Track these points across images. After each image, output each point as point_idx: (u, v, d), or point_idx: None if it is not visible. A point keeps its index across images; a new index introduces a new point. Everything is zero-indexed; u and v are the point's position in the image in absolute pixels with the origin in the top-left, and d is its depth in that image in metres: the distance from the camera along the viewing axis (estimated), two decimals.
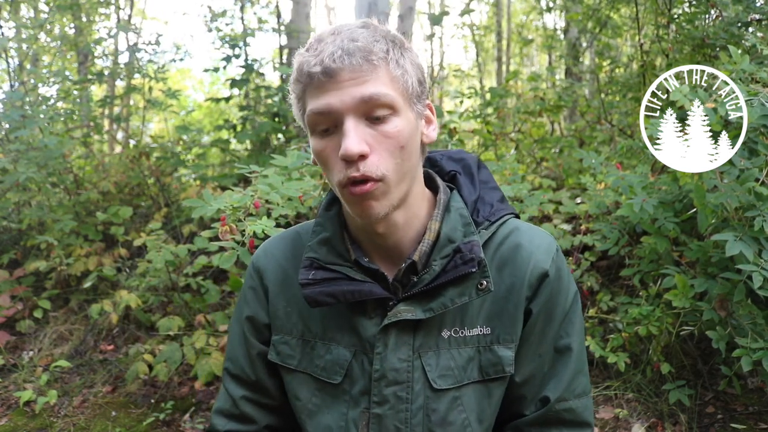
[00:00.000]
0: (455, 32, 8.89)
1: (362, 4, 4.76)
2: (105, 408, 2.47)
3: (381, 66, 0.80)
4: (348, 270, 0.89)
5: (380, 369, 0.89)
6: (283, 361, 0.96)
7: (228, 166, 4.38)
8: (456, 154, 1.05)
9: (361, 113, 0.80)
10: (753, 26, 2.43)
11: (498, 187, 1.01)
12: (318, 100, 0.80)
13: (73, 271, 3.11)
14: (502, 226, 0.94)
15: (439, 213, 0.92)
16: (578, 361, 0.94)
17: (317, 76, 0.79)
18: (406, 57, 0.84)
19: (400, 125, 0.82)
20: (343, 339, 0.92)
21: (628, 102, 3.82)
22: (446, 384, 0.89)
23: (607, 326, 2.36)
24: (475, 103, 4.46)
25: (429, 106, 0.91)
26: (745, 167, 1.65)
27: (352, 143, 0.78)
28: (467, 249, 0.87)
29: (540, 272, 0.90)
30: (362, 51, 0.79)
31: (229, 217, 1.63)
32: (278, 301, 0.98)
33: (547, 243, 0.93)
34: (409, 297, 0.88)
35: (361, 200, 0.81)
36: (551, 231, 2.55)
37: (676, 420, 2.01)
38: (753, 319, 1.74)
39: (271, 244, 1.04)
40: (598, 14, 4.41)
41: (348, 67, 0.78)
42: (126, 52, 4.68)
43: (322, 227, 0.94)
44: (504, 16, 8.30)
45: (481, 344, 0.90)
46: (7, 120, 3.38)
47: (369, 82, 0.79)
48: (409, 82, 0.84)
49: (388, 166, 0.81)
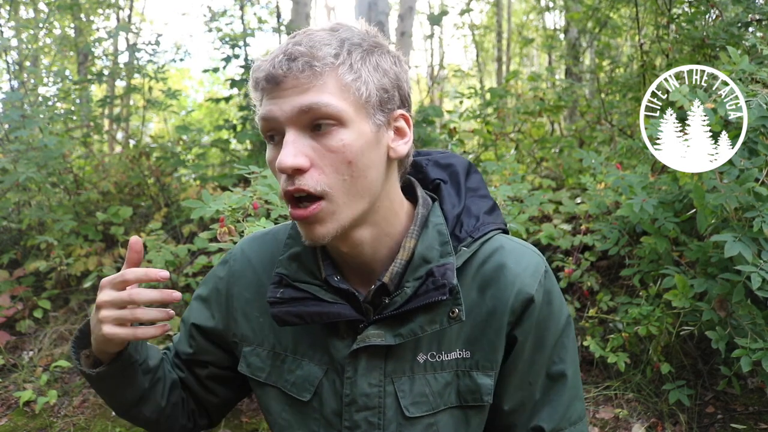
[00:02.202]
0: (455, 32, 8.89)
1: (362, 4, 4.76)
2: (105, 408, 2.47)
3: (326, 73, 0.73)
4: (317, 290, 0.84)
5: (350, 393, 0.85)
6: (253, 374, 0.93)
7: (228, 166, 4.38)
8: (444, 158, 0.97)
9: (303, 124, 0.74)
10: (753, 26, 2.43)
11: (489, 195, 0.94)
12: (263, 106, 0.76)
13: (73, 271, 3.11)
14: (487, 243, 0.86)
15: (415, 229, 0.85)
16: (573, 388, 0.89)
17: (261, 83, 0.75)
18: (368, 60, 0.77)
19: (348, 138, 0.74)
20: (315, 356, 0.88)
21: (628, 102, 3.82)
22: (419, 411, 0.84)
23: (607, 326, 2.36)
24: (475, 103, 4.46)
25: (404, 117, 0.82)
26: (744, 167, 1.64)
27: (286, 156, 0.73)
28: (440, 273, 0.80)
29: (525, 297, 0.83)
30: (305, 56, 0.72)
31: (228, 218, 1.63)
32: (251, 310, 0.94)
33: (534, 264, 0.86)
34: (380, 320, 0.83)
35: (304, 224, 0.77)
36: (551, 231, 2.55)
37: (676, 420, 2.01)
38: (753, 319, 1.74)
39: (250, 248, 0.99)
40: (598, 14, 4.40)
41: (289, 74, 0.73)
42: (126, 52, 4.68)
43: (294, 240, 0.88)
44: (504, 16, 8.30)
45: (460, 368, 0.85)
46: (7, 120, 3.38)
47: (310, 91, 0.73)
48: (363, 90, 0.75)
49: (331, 183, 0.75)
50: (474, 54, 8.52)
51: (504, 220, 0.93)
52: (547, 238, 2.52)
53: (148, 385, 0.95)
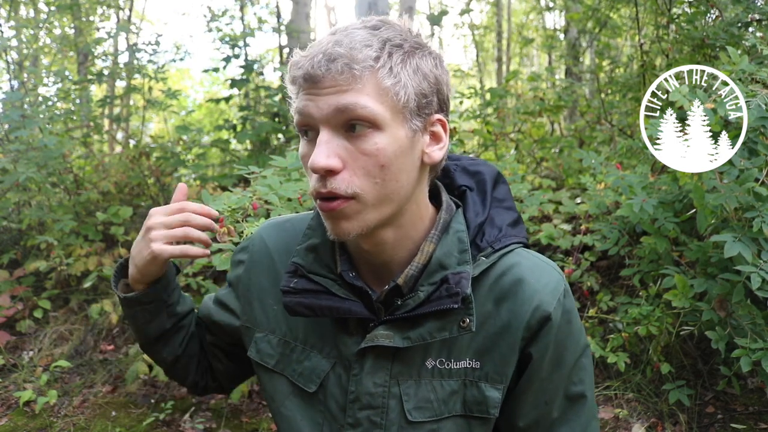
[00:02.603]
0: (455, 32, 8.89)
1: (362, 4, 4.76)
2: (105, 408, 2.47)
3: (365, 76, 0.72)
4: (331, 284, 0.84)
5: (355, 391, 0.85)
6: (262, 360, 0.94)
7: (228, 166, 4.38)
8: (473, 165, 0.95)
9: (337, 125, 0.74)
10: (753, 26, 2.43)
11: (514, 207, 0.92)
12: (300, 100, 0.76)
13: (73, 271, 3.11)
14: (507, 256, 0.85)
15: (435, 234, 0.84)
16: (591, 408, 0.89)
17: (299, 81, 0.75)
18: (409, 65, 0.75)
19: (382, 143, 0.74)
20: (324, 349, 0.89)
21: (628, 102, 3.82)
22: (422, 417, 0.84)
23: (607, 326, 2.36)
24: (475, 103, 4.46)
25: (441, 122, 0.81)
26: (744, 167, 1.64)
27: (319, 156, 0.72)
28: (454, 281, 0.79)
29: (542, 315, 0.82)
30: (345, 58, 0.71)
31: (227, 218, 1.63)
32: (267, 297, 0.95)
33: (555, 282, 0.84)
34: (390, 321, 0.82)
35: (330, 217, 0.77)
36: (551, 231, 2.55)
37: (676, 420, 2.01)
38: (752, 319, 1.74)
39: (268, 234, 1.00)
40: (597, 14, 4.40)
41: (327, 75, 0.72)
42: (126, 52, 4.68)
43: (313, 231, 0.89)
44: (504, 16, 8.30)
45: (468, 378, 0.84)
46: (7, 120, 3.38)
47: (348, 93, 0.72)
48: (402, 95, 0.74)
49: (362, 186, 0.74)
50: (474, 54, 8.52)
51: (527, 235, 0.91)
52: (547, 238, 2.52)
53: (170, 327, 1.03)
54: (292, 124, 0.85)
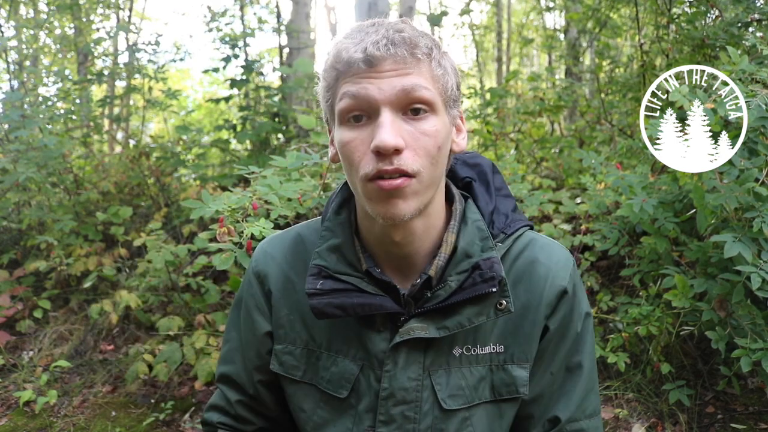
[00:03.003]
0: (455, 32, 8.89)
1: (362, 4, 4.76)
2: (105, 408, 2.47)
3: (425, 61, 0.76)
4: (359, 281, 0.84)
5: (389, 387, 0.84)
6: (287, 372, 0.92)
7: (228, 166, 4.38)
8: (471, 158, 0.99)
9: (399, 106, 0.76)
10: (753, 26, 2.43)
11: (511, 194, 0.96)
12: (354, 85, 0.76)
13: (73, 271, 3.11)
14: (518, 240, 0.89)
15: (455, 224, 0.86)
16: (589, 380, 0.91)
17: (357, 63, 0.75)
18: (447, 60, 0.81)
19: (438, 125, 0.78)
20: (350, 352, 0.88)
21: (628, 102, 3.82)
22: (456, 404, 0.85)
23: (607, 326, 2.36)
24: (474, 103, 4.46)
25: (460, 114, 0.87)
26: (744, 167, 1.64)
27: (387, 135, 0.73)
28: (487, 266, 0.81)
29: (559, 289, 0.87)
30: (407, 43, 0.75)
31: (228, 218, 1.63)
32: (281, 307, 0.93)
33: (564, 258, 0.89)
34: (422, 313, 0.83)
35: (388, 197, 0.76)
36: (551, 231, 2.55)
37: (676, 420, 2.01)
38: (752, 319, 1.74)
39: (271, 246, 0.98)
40: (597, 14, 4.40)
41: (391, 57, 0.74)
42: (126, 52, 4.68)
43: (332, 233, 0.88)
44: (504, 16, 8.30)
45: (494, 363, 0.86)
46: (7, 120, 3.38)
47: (412, 75, 0.75)
48: (449, 84, 0.80)
49: (423, 164, 0.76)
50: (474, 54, 8.52)
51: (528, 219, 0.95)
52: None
53: None
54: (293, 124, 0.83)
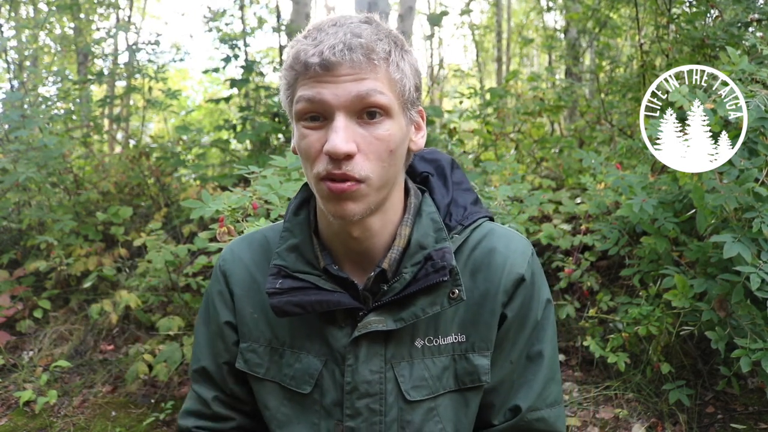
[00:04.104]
0: (455, 32, 8.89)
1: (362, 4, 4.76)
2: (105, 408, 2.47)
3: (381, 66, 0.77)
4: (317, 279, 0.86)
5: (352, 381, 0.86)
6: (251, 370, 0.93)
7: (228, 166, 4.38)
8: (429, 154, 1.00)
9: (354, 111, 0.77)
10: (753, 26, 2.43)
11: (471, 188, 0.98)
12: (311, 89, 0.76)
13: (73, 271, 3.11)
14: (476, 230, 0.91)
15: (409, 218, 0.88)
16: (550, 369, 0.92)
17: (314, 67, 0.75)
18: (406, 60, 0.81)
19: (392, 129, 0.79)
20: (313, 348, 0.89)
21: (628, 102, 3.82)
22: (420, 395, 0.87)
23: (607, 326, 2.36)
24: (474, 102, 4.46)
25: (420, 112, 0.87)
26: (744, 168, 1.64)
27: (340, 141, 0.74)
28: (438, 256, 0.83)
29: (516, 277, 0.88)
30: (364, 48, 0.75)
31: (227, 218, 1.63)
32: (245, 306, 0.95)
33: (522, 246, 0.91)
34: (380, 306, 0.85)
35: (338, 198, 0.78)
36: (551, 231, 2.55)
37: (676, 420, 2.01)
38: (752, 319, 1.74)
39: (239, 247, 1.00)
40: (597, 14, 4.40)
41: (348, 62, 0.74)
42: (126, 52, 4.68)
43: (291, 233, 0.90)
44: (504, 16, 8.30)
45: (456, 352, 0.88)
46: (7, 120, 3.38)
47: (367, 81, 0.76)
48: (406, 87, 0.80)
49: (373, 169, 0.78)
50: (474, 54, 8.52)
51: (489, 210, 0.97)
52: (547, 238, 2.52)
53: None
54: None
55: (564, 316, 2.38)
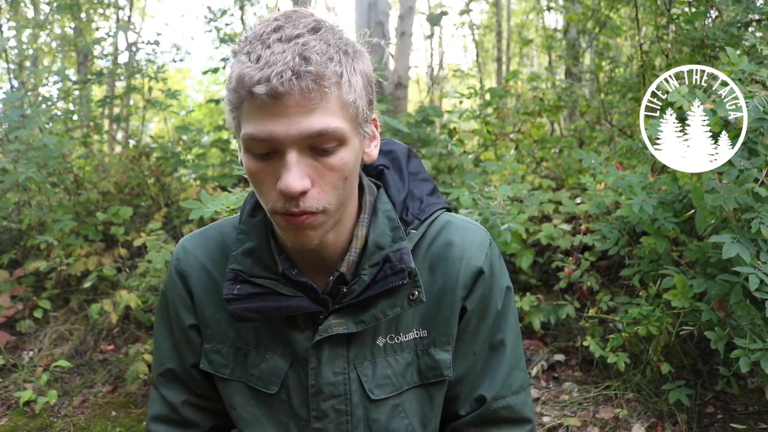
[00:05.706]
0: (455, 32, 8.90)
1: (362, 4, 4.76)
2: (105, 408, 2.47)
3: (332, 92, 0.70)
4: (275, 284, 0.84)
5: (315, 384, 0.86)
6: (216, 370, 0.92)
7: (228, 166, 4.38)
8: (385, 145, 0.97)
9: (306, 145, 0.72)
10: (753, 26, 2.43)
11: (429, 178, 0.95)
12: (258, 124, 0.70)
13: (73, 271, 3.11)
14: (433, 224, 0.90)
15: (365, 217, 0.86)
16: (513, 357, 0.92)
17: (260, 97, 0.68)
18: (358, 71, 0.75)
19: (346, 156, 0.74)
20: (278, 349, 0.89)
21: (628, 102, 3.82)
22: (384, 393, 0.87)
23: (607, 326, 2.36)
24: (474, 103, 4.46)
25: (374, 122, 0.83)
26: (744, 168, 1.64)
27: (293, 180, 0.70)
28: (396, 258, 0.82)
29: (474, 270, 0.87)
30: (313, 75, 0.68)
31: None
32: (206, 307, 0.92)
33: (480, 237, 0.90)
34: (340, 309, 0.84)
35: (297, 229, 0.76)
36: (551, 231, 2.55)
37: (676, 420, 2.01)
38: (752, 319, 1.74)
39: (193, 245, 0.95)
40: (597, 14, 4.40)
41: (297, 92, 0.68)
42: (126, 52, 4.68)
43: (247, 236, 0.87)
44: (504, 16, 8.30)
45: (419, 348, 0.88)
46: (7, 120, 3.38)
47: (317, 112, 0.70)
48: (359, 107, 0.75)
49: (329, 199, 0.75)
50: (474, 54, 8.52)
51: (447, 200, 0.95)
52: (547, 238, 2.52)
53: None
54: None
55: (564, 316, 2.38)
